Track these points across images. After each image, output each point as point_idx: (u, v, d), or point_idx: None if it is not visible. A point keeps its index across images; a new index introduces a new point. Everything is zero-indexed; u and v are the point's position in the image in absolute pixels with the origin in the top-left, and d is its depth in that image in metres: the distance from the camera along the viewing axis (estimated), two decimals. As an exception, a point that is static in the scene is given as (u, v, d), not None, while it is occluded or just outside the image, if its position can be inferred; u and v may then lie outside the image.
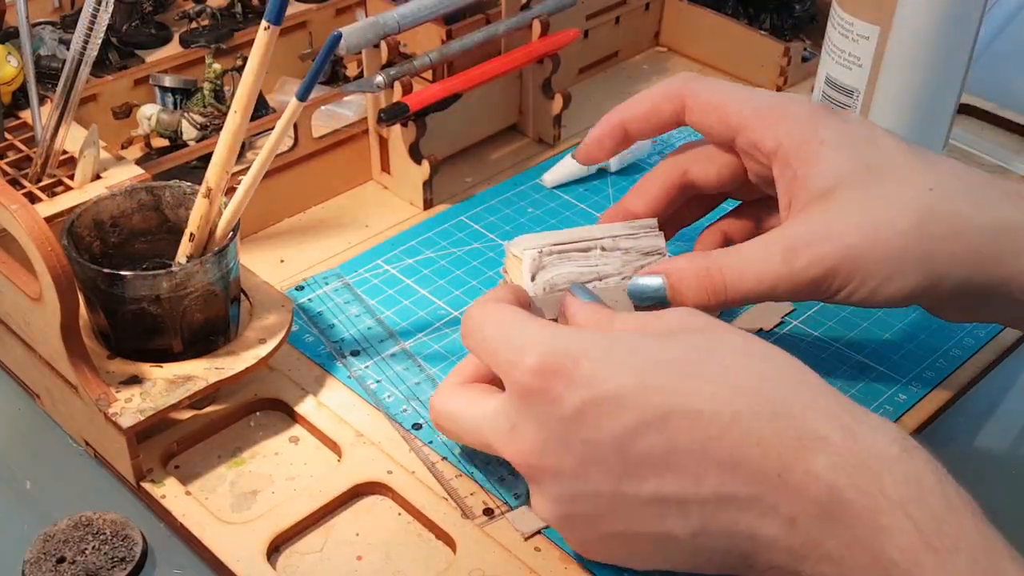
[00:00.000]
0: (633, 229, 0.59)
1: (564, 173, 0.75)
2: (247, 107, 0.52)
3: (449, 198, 0.74)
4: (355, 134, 0.73)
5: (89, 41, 0.57)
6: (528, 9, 0.74)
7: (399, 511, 0.54)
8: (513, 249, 0.58)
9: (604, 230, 0.59)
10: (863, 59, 0.69)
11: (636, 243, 0.58)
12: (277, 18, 0.50)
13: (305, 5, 0.82)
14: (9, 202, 0.51)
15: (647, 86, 0.86)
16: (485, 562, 0.51)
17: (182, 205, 0.58)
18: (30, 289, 0.53)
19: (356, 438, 0.57)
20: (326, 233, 0.71)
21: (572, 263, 0.57)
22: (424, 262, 0.68)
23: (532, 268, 0.56)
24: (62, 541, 0.52)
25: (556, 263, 0.57)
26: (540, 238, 0.58)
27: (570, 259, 0.57)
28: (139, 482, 0.54)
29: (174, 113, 0.71)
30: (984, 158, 0.78)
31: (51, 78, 0.69)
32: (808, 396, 0.45)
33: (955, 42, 0.68)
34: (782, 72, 0.84)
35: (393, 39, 0.69)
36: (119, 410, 0.52)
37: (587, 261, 0.57)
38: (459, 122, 0.76)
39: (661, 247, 0.58)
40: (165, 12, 0.81)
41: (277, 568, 0.51)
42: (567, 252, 0.57)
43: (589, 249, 0.58)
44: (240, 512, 0.53)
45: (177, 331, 0.55)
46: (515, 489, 0.54)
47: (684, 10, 0.89)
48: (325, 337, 0.63)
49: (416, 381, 0.60)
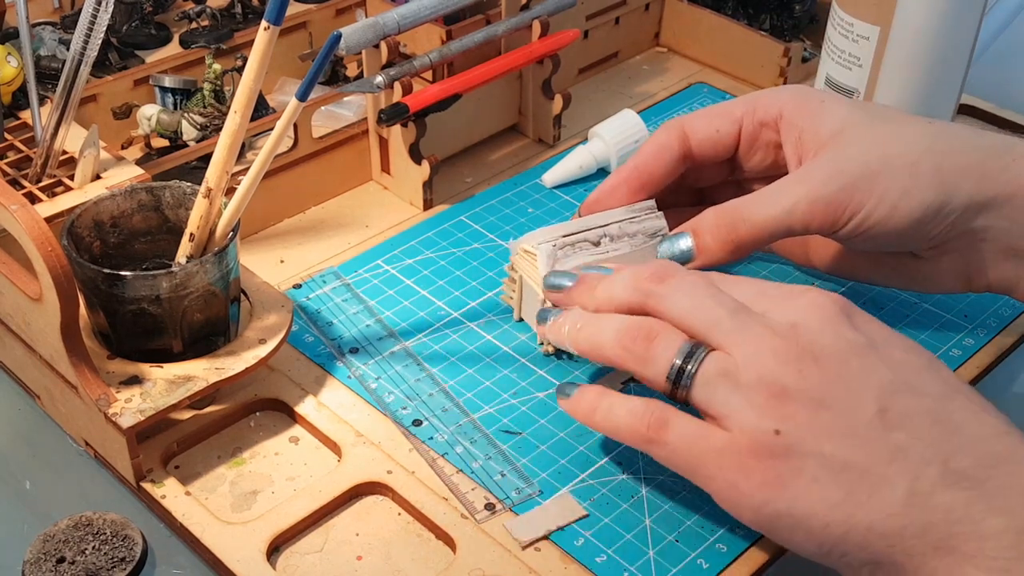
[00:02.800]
0: (634, 213, 0.61)
1: (564, 173, 0.75)
2: (247, 108, 0.52)
3: (449, 198, 0.74)
4: (355, 134, 0.73)
5: (89, 41, 0.57)
6: (528, 9, 0.74)
7: (399, 511, 0.54)
8: (524, 245, 0.60)
9: (606, 217, 0.61)
10: (863, 59, 0.69)
11: (640, 226, 0.60)
12: (277, 18, 0.50)
13: (305, 5, 0.82)
14: (9, 202, 0.51)
15: (647, 86, 0.86)
16: (485, 562, 0.51)
17: (182, 205, 0.58)
18: (30, 289, 0.53)
19: (356, 438, 0.57)
20: (326, 233, 0.71)
21: (585, 252, 0.59)
22: (424, 262, 0.68)
23: (549, 261, 0.58)
24: (62, 541, 0.52)
25: (570, 254, 0.59)
26: (549, 232, 0.60)
27: (582, 249, 0.59)
28: (139, 482, 0.54)
29: (174, 113, 0.71)
30: (984, 158, 0.78)
31: (51, 78, 0.69)
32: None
33: (955, 42, 0.68)
34: (782, 72, 0.84)
35: (393, 39, 0.69)
36: (119, 410, 0.52)
37: (598, 249, 0.59)
38: (459, 122, 0.76)
39: (663, 227, 0.60)
40: (165, 12, 0.81)
41: (277, 568, 0.51)
42: (578, 243, 0.59)
43: (598, 238, 0.60)
44: (240, 512, 0.53)
45: (177, 331, 0.55)
46: (514, 486, 0.54)
47: (684, 10, 0.89)
48: (325, 337, 0.63)
49: (416, 379, 0.60)
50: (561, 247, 0.59)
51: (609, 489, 0.55)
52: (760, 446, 0.47)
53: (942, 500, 0.45)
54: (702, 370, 0.49)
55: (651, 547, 0.52)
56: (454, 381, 0.60)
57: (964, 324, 0.65)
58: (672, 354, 0.50)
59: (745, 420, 0.47)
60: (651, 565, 0.51)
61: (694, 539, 0.52)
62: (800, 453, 0.46)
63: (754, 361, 0.48)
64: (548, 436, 0.57)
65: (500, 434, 0.57)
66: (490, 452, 0.56)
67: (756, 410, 0.47)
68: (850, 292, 0.67)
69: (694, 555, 0.52)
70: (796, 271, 0.68)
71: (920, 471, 0.45)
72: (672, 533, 0.53)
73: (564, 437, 0.57)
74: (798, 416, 0.47)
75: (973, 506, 0.44)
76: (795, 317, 0.49)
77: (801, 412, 0.47)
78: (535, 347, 0.62)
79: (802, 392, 0.47)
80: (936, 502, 0.45)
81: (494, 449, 0.56)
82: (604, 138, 0.75)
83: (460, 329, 0.64)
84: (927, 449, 0.45)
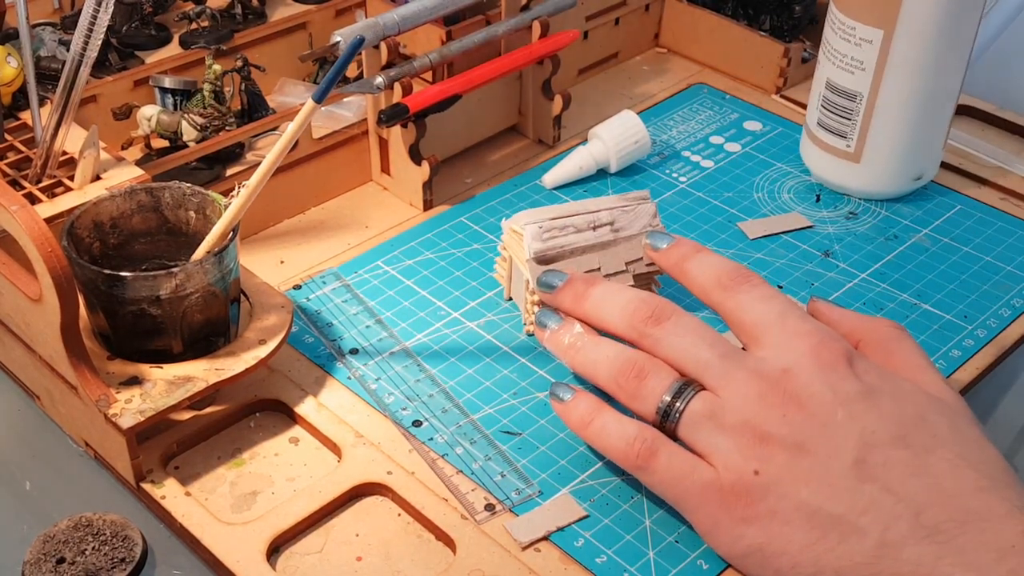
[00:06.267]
0: (626, 201, 0.62)
1: (564, 174, 0.75)
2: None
3: (449, 199, 0.74)
4: (355, 135, 0.73)
5: (89, 42, 0.57)
6: (528, 10, 0.74)
7: (399, 511, 0.54)
8: (513, 224, 0.62)
9: (599, 203, 0.62)
10: (866, 63, 0.69)
11: (630, 213, 0.62)
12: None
13: (305, 6, 0.82)
14: (9, 203, 0.51)
15: (647, 87, 0.86)
16: (485, 562, 0.51)
17: (181, 206, 0.58)
18: (30, 290, 0.53)
19: (356, 439, 0.57)
20: (326, 234, 0.71)
21: (571, 234, 0.61)
22: (424, 263, 0.68)
23: (534, 241, 0.60)
24: (62, 542, 0.52)
25: (557, 236, 0.60)
26: (539, 212, 0.62)
27: (569, 232, 0.61)
28: (139, 483, 0.54)
29: (174, 114, 0.71)
30: (984, 159, 0.78)
31: (51, 79, 0.69)
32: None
33: (956, 43, 0.68)
34: (782, 73, 0.84)
35: (393, 40, 0.69)
36: (119, 411, 0.52)
37: (585, 232, 0.61)
38: (459, 123, 0.76)
39: (654, 215, 0.62)
40: (165, 13, 0.81)
41: (277, 568, 0.51)
42: (565, 226, 0.61)
43: (587, 223, 0.61)
44: (240, 513, 0.53)
45: (177, 332, 0.55)
46: (514, 487, 0.54)
47: (684, 11, 0.89)
48: (325, 338, 0.63)
49: (416, 380, 0.60)
50: (548, 229, 0.60)
51: (609, 490, 0.55)
52: (740, 485, 0.48)
53: (912, 553, 0.45)
54: (689, 409, 0.50)
55: (651, 548, 0.52)
56: (454, 382, 0.60)
57: (964, 324, 0.65)
58: (662, 391, 0.51)
59: (728, 460, 0.49)
60: (651, 566, 0.51)
61: (694, 540, 0.52)
62: (777, 494, 0.48)
63: (740, 404, 0.49)
64: (548, 437, 0.57)
65: (500, 435, 0.57)
66: (490, 453, 0.56)
67: (739, 451, 0.49)
68: (858, 288, 0.67)
69: (694, 556, 0.52)
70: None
71: (891, 523, 0.46)
72: (672, 534, 0.53)
73: (564, 438, 0.57)
74: (777, 458, 0.48)
75: (943, 560, 0.44)
76: (791, 361, 0.50)
77: (780, 455, 0.48)
78: (535, 347, 0.62)
79: (784, 436, 0.48)
80: (906, 555, 0.45)
81: (494, 450, 0.56)
82: (604, 139, 0.75)
83: (460, 329, 0.64)
84: (900, 502, 0.46)
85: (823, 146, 0.74)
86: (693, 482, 0.49)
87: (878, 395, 0.49)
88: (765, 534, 0.48)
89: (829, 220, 0.73)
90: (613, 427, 0.52)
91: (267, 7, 0.82)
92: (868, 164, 0.72)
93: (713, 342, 0.52)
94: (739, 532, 0.48)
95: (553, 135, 0.79)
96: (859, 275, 0.68)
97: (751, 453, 0.48)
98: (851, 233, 0.72)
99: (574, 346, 0.55)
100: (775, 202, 0.74)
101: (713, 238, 0.71)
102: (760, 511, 0.48)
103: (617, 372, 0.53)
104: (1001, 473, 0.47)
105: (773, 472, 0.48)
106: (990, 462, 0.48)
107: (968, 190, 0.76)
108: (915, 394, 0.50)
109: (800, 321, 0.52)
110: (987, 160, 0.78)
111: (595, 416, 0.53)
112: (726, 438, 0.49)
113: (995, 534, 0.44)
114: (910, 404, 0.49)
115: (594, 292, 0.56)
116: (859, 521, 0.46)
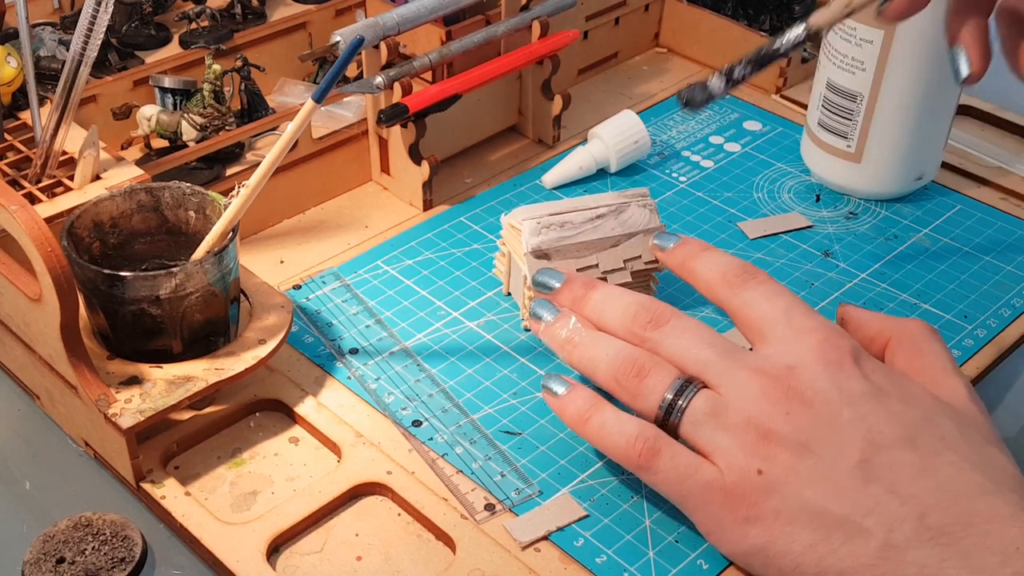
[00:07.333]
0: (626, 198, 0.62)
1: (564, 174, 0.75)
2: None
3: (449, 199, 0.74)
4: (355, 135, 0.73)
5: (89, 42, 0.57)
6: (528, 10, 0.74)
7: (399, 511, 0.54)
8: (512, 220, 0.62)
9: (598, 199, 0.63)
10: (867, 63, 0.69)
11: (629, 210, 0.62)
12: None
13: (305, 6, 0.82)
14: (9, 202, 0.51)
15: (647, 87, 0.86)
16: (485, 562, 0.51)
17: (181, 206, 0.58)
18: (30, 290, 0.53)
19: (356, 438, 0.57)
20: (326, 234, 0.71)
21: (570, 230, 0.61)
22: (423, 263, 0.68)
23: (532, 236, 0.60)
24: (62, 542, 0.52)
25: (555, 231, 0.60)
26: (538, 208, 0.62)
27: (567, 228, 0.61)
28: (139, 483, 0.54)
29: (174, 114, 0.71)
30: (984, 159, 0.78)
31: (51, 79, 0.69)
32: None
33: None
34: (781, 73, 0.84)
35: (393, 40, 0.69)
36: (119, 411, 0.52)
37: (584, 228, 0.61)
38: (459, 123, 0.76)
39: (653, 212, 0.62)
40: (165, 13, 0.81)
41: (277, 568, 0.51)
42: (564, 222, 0.61)
43: (586, 217, 0.61)
44: (240, 513, 0.53)
45: (177, 332, 0.55)
46: (514, 487, 0.54)
47: (684, 11, 0.89)
48: (325, 337, 0.63)
49: (416, 380, 0.60)
50: (547, 224, 0.60)
51: (609, 490, 0.55)
52: (743, 484, 0.48)
53: (916, 555, 0.45)
54: (691, 407, 0.50)
55: (651, 548, 0.52)
56: (454, 381, 0.60)
57: (964, 324, 0.65)
58: (664, 388, 0.51)
59: (731, 459, 0.49)
60: (651, 566, 0.51)
61: (694, 539, 0.52)
62: (780, 494, 0.47)
63: (742, 402, 0.49)
64: (548, 436, 0.57)
65: (500, 435, 0.57)
66: (490, 453, 0.56)
67: (742, 450, 0.48)
68: (858, 288, 0.67)
69: (694, 555, 0.52)
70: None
71: (896, 524, 0.46)
72: (672, 534, 0.53)
73: (564, 437, 0.57)
74: (781, 457, 0.48)
75: (947, 563, 0.44)
76: (796, 359, 0.50)
77: (784, 454, 0.48)
78: (535, 347, 0.62)
79: (788, 434, 0.48)
80: (910, 557, 0.45)
81: (494, 450, 0.56)
82: (604, 139, 0.75)
83: (460, 329, 0.64)
84: (905, 504, 0.46)
85: (824, 146, 0.74)
86: (696, 482, 0.49)
87: (885, 396, 0.49)
88: (768, 534, 0.48)
89: (829, 220, 0.73)
90: (613, 425, 0.51)
91: (267, 7, 0.82)
92: (869, 164, 0.73)
93: (714, 341, 0.51)
94: (742, 532, 0.48)
95: (553, 135, 0.79)
96: (859, 275, 0.68)
97: (754, 451, 0.48)
98: (851, 233, 0.72)
99: (571, 340, 0.54)
100: (775, 202, 0.75)
101: (713, 238, 0.71)
102: (764, 511, 0.48)
103: (617, 370, 0.52)
104: (1007, 477, 0.47)
105: (777, 472, 0.48)
106: (996, 466, 0.47)
107: (968, 190, 0.76)
108: (923, 396, 0.50)
109: (806, 317, 0.52)
110: (987, 160, 0.78)
111: (593, 413, 0.52)
112: (729, 436, 0.49)
113: (1000, 537, 0.44)
114: (918, 406, 0.49)
115: (593, 296, 0.55)
116: (864, 522, 0.46)
